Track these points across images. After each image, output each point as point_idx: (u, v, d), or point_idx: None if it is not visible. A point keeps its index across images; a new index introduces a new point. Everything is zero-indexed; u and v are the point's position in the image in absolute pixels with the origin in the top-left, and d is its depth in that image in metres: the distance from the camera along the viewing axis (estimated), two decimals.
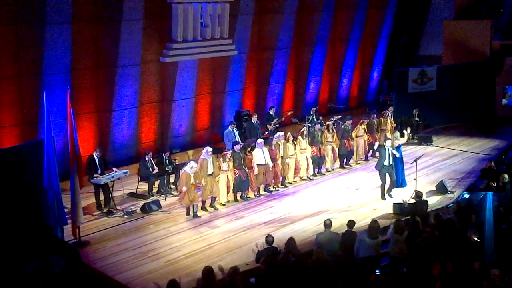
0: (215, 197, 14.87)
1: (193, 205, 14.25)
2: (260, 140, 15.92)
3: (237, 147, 15.40)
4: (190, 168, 14.05)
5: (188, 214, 14.35)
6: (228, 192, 15.16)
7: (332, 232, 11.36)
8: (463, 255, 10.32)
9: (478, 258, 9.89)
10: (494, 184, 14.78)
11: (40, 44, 15.35)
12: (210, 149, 14.67)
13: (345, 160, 18.09)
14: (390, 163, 15.23)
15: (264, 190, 15.94)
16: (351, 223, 11.67)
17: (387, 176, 15.35)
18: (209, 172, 14.45)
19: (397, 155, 15.37)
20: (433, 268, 9.37)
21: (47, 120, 11.91)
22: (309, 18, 22.27)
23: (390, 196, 15.36)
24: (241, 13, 19.69)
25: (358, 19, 24.34)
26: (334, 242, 11.05)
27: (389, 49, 26.59)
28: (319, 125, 17.60)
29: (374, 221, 11.20)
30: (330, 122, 18.07)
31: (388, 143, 15.39)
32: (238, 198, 15.44)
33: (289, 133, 16.98)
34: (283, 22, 21.14)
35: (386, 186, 15.41)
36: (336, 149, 17.68)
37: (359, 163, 18.33)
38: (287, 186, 16.43)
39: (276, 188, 16.20)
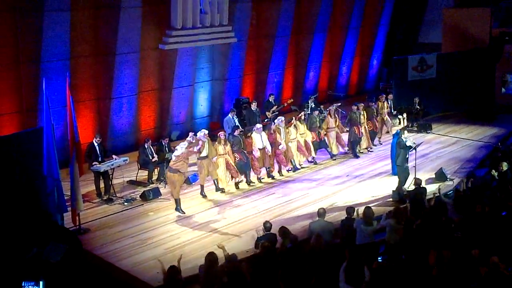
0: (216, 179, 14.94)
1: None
2: (259, 125, 15.92)
3: (236, 132, 15.44)
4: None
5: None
6: (231, 177, 15.15)
7: (325, 221, 11.38)
8: (462, 242, 10.34)
9: (477, 246, 9.91)
10: (496, 173, 14.77)
11: (38, 32, 15.30)
12: (206, 131, 14.72)
13: (356, 147, 17.98)
14: (407, 156, 14.98)
15: (268, 177, 15.96)
16: (350, 209, 11.69)
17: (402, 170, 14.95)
18: (204, 154, 14.49)
19: (413, 146, 15.15)
20: (430, 256, 9.41)
21: (47, 108, 11.89)
22: (308, 6, 22.19)
23: (402, 192, 14.68)
24: (241, 0, 19.60)
25: (358, 7, 24.26)
26: (327, 230, 11.07)
27: (389, 37, 26.52)
28: (317, 111, 17.59)
29: (368, 208, 11.23)
30: (332, 108, 18.00)
31: (407, 135, 15.13)
32: (239, 186, 15.44)
33: (293, 117, 16.97)
34: (282, 10, 21.07)
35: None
36: (341, 135, 17.63)
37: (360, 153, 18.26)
38: (295, 170, 16.45)
39: (284, 174, 16.21)
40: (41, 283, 8.30)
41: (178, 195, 13.82)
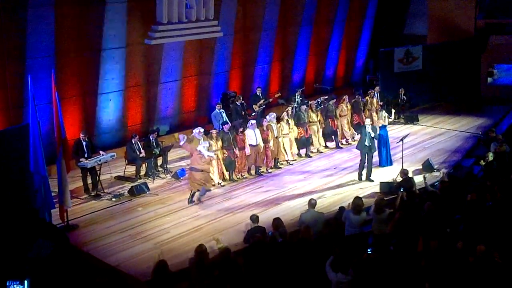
0: None
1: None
2: (253, 121, 15.92)
3: (226, 127, 15.45)
4: (203, 148, 13.98)
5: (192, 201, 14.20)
6: (219, 172, 15.19)
7: (316, 212, 11.43)
8: (447, 232, 10.42)
9: (462, 237, 9.97)
10: (483, 163, 14.87)
11: (23, 28, 15.17)
12: (202, 129, 14.72)
13: (333, 139, 18.11)
14: (370, 143, 15.23)
15: (255, 173, 15.95)
16: (341, 209, 11.72)
17: (366, 157, 15.33)
18: None
19: (372, 135, 15.28)
20: (419, 244, 9.48)
21: (32, 104, 11.81)
22: None
23: (370, 180, 15.28)
24: None
25: None
26: (318, 221, 11.12)
27: (375, 29, 26.57)
28: (304, 105, 17.65)
29: (357, 198, 11.29)
30: (313, 102, 18.12)
31: (368, 122, 15.42)
32: (227, 178, 15.47)
33: (284, 112, 16.99)
34: (268, 3, 21.05)
35: (364, 169, 15.41)
36: (321, 129, 17.74)
37: (343, 144, 18.35)
38: (280, 168, 16.45)
39: (269, 171, 16.19)
40: (25, 282, 8.21)
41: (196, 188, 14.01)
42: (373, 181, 15.25)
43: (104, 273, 11.02)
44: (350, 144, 18.34)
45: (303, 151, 17.36)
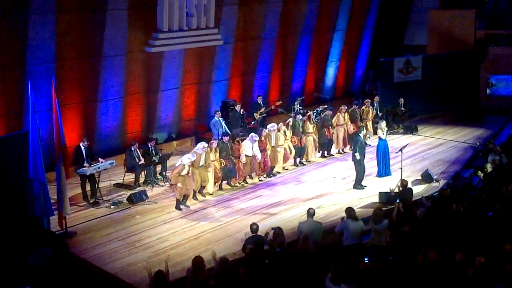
0: (204, 186, 14.93)
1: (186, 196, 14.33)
2: (256, 137, 15.73)
3: (225, 139, 15.47)
4: (187, 159, 13.97)
5: (178, 207, 14.19)
6: (216, 182, 15.24)
7: (315, 221, 11.41)
8: (446, 244, 10.40)
9: (461, 248, 9.95)
10: (482, 174, 14.87)
11: (24, 35, 15.20)
12: (206, 144, 14.75)
13: (326, 149, 18.14)
14: (363, 153, 15.31)
15: (243, 181, 15.96)
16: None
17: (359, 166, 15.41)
18: (201, 164, 14.52)
19: (368, 142, 15.40)
20: (419, 256, 9.47)
21: (32, 111, 11.82)
22: (295, 8, 22.24)
23: (362, 187, 15.40)
24: (227, 2, 19.61)
25: (344, 9, 24.35)
26: (316, 231, 11.10)
27: (375, 39, 26.63)
28: (300, 115, 17.65)
29: (349, 208, 11.29)
30: (311, 113, 18.14)
31: (362, 133, 15.48)
32: (224, 187, 15.49)
33: (281, 123, 17.00)
34: (268, 12, 21.11)
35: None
36: (317, 139, 17.76)
37: (340, 153, 18.36)
38: (274, 175, 16.48)
39: (260, 179, 16.16)
40: None
41: (181, 196, 14.05)
42: (364, 187, 15.35)
43: (102, 280, 11.03)
44: (345, 152, 18.31)
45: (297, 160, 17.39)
